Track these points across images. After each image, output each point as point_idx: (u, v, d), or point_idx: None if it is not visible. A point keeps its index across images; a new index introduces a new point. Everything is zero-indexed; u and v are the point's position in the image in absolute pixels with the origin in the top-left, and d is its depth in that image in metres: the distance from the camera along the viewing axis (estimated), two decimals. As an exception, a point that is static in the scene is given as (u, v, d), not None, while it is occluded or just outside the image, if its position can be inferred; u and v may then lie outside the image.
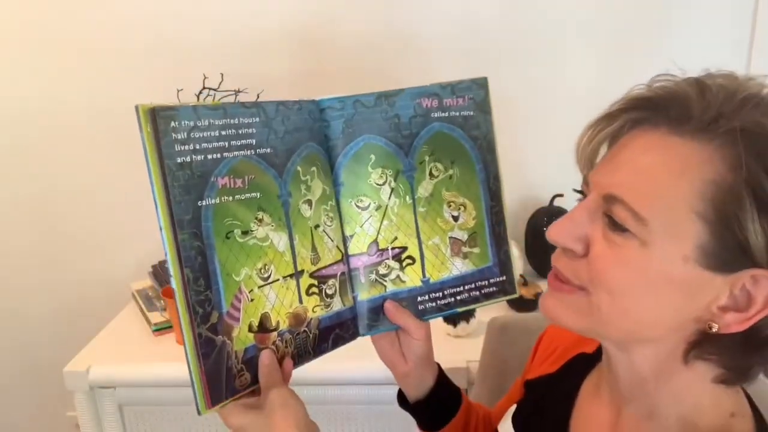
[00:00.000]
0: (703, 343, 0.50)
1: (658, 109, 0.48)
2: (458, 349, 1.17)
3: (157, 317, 1.33)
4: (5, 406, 1.74)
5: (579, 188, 0.55)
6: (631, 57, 1.37)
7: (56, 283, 1.62)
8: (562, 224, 0.52)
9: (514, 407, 0.72)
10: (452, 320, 1.22)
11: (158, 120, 0.53)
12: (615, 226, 0.48)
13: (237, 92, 1.31)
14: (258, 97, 1.32)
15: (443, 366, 0.78)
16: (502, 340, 1.01)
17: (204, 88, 1.31)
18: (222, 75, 1.32)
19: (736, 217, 0.44)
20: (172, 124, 0.54)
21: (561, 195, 1.41)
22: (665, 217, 0.46)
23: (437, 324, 1.23)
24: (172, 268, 0.55)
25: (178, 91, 1.30)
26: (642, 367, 0.54)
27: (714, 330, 0.48)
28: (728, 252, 0.45)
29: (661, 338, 0.51)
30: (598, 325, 0.52)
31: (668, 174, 0.46)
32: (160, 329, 1.31)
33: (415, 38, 1.42)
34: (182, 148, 0.55)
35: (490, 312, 1.11)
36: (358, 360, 0.95)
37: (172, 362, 1.17)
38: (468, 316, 1.22)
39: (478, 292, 0.73)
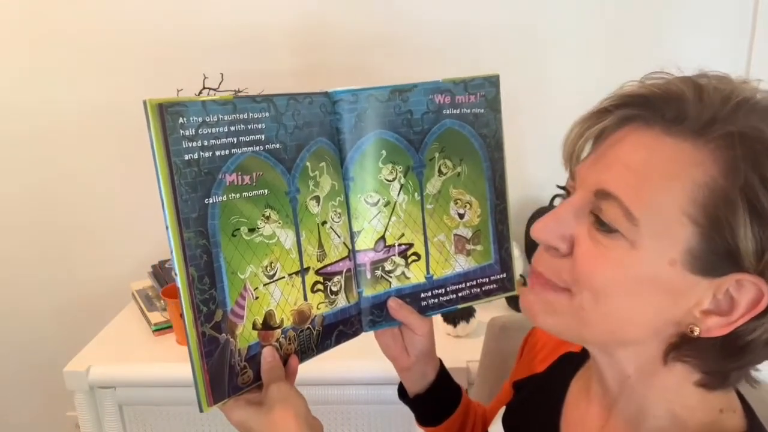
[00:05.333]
0: (682, 346, 0.49)
1: (653, 108, 0.47)
2: (458, 349, 1.17)
3: (157, 317, 1.33)
4: (5, 406, 1.74)
5: (563, 185, 0.54)
6: (635, 56, 1.37)
7: (56, 282, 1.62)
8: (546, 222, 0.51)
9: (503, 409, 0.72)
10: (452, 320, 1.22)
11: (166, 116, 0.52)
12: (602, 225, 0.47)
13: (237, 92, 1.31)
14: (258, 97, 1.32)
15: (442, 366, 0.79)
16: (502, 340, 1.01)
17: (204, 88, 1.31)
18: (222, 75, 1.31)
19: (727, 222, 0.43)
20: (181, 120, 0.53)
21: (561, 195, 1.41)
22: (656, 218, 0.45)
23: (437, 324, 1.23)
24: (177, 267, 0.54)
25: (178, 91, 1.30)
26: (625, 367, 0.53)
27: (695, 334, 0.47)
28: (716, 256, 0.44)
29: (641, 340, 0.50)
30: (579, 326, 0.51)
31: (660, 175, 0.45)
32: (160, 329, 1.31)
33: (416, 37, 1.42)
34: (190, 145, 0.54)
35: (490, 312, 1.11)
36: (358, 360, 0.95)
37: (172, 362, 1.18)
38: (468, 315, 1.22)
39: (479, 289, 0.74)
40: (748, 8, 1.36)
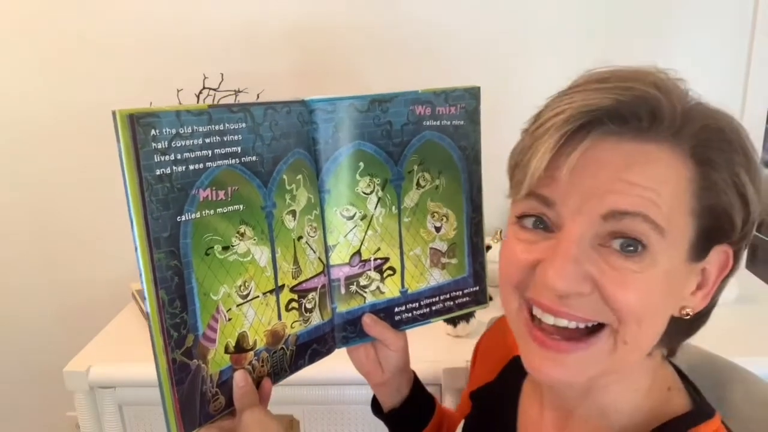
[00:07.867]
0: (666, 332, 0.50)
1: (624, 118, 0.45)
2: (458, 349, 1.17)
3: (157, 317, 1.33)
4: (5, 407, 1.75)
5: (523, 214, 0.49)
6: (633, 58, 1.37)
7: (56, 283, 1.63)
8: (562, 266, 0.45)
9: (462, 422, 0.71)
10: (452, 320, 1.22)
11: (138, 128, 0.49)
12: (624, 248, 0.45)
13: (237, 92, 1.31)
14: (258, 97, 1.32)
15: (443, 366, 0.78)
16: (502, 341, 1.00)
17: (204, 88, 1.31)
18: (222, 75, 1.32)
19: (722, 207, 0.46)
20: (153, 132, 0.49)
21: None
22: (674, 224, 0.45)
23: (437, 324, 1.23)
24: (147, 291, 0.51)
25: (178, 91, 1.30)
26: (598, 380, 0.52)
27: (689, 315, 0.49)
28: (707, 241, 0.47)
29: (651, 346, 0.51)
30: (618, 361, 0.48)
31: (660, 182, 0.44)
32: (160, 329, 1.31)
33: (416, 40, 1.42)
34: (162, 159, 0.50)
35: (491, 312, 1.10)
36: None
37: (172, 362, 1.17)
38: (468, 315, 1.22)
39: (452, 302, 0.73)
40: (748, 8, 1.36)
